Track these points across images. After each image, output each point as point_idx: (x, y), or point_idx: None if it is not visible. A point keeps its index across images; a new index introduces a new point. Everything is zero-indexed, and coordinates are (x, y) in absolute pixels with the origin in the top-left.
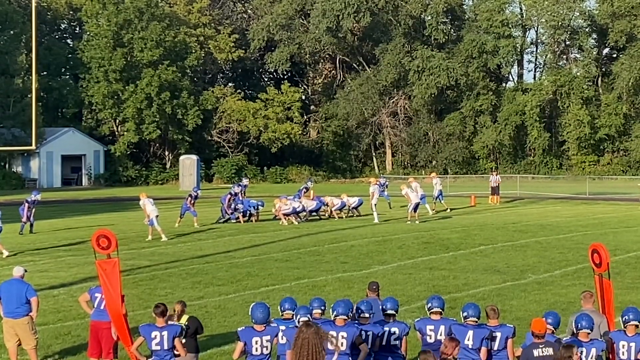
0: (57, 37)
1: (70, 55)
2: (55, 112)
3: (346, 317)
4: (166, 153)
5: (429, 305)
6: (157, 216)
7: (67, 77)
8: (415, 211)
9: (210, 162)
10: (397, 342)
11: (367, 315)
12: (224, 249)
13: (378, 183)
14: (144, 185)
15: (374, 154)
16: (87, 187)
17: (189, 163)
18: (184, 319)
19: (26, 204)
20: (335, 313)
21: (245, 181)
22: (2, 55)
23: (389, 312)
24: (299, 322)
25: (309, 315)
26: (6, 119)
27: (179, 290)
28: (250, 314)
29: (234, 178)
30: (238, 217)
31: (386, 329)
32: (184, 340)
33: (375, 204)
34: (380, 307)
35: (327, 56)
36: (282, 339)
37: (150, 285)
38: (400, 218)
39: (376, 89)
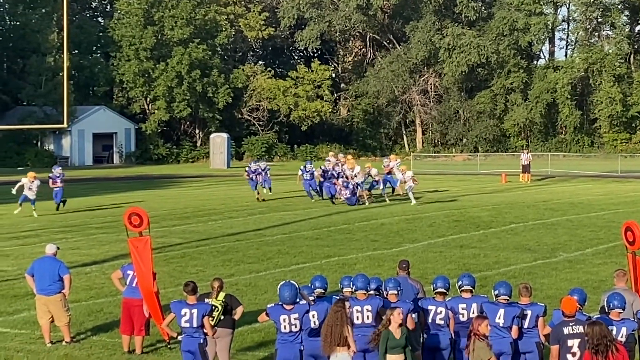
0: (88, 15)
1: (101, 34)
2: (87, 91)
3: (366, 291)
4: (197, 131)
5: (460, 283)
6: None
7: (98, 55)
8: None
9: (240, 140)
10: (442, 321)
11: (394, 292)
12: (254, 227)
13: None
14: (174, 163)
15: (404, 132)
16: (118, 165)
17: (219, 141)
18: (221, 296)
19: (50, 180)
20: (354, 288)
21: (262, 164)
22: (33, 34)
23: (440, 290)
24: (307, 301)
25: (314, 294)
26: (38, 97)
27: (209, 267)
28: (278, 293)
29: (264, 156)
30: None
31: (432, 307)
32: (222, 317)
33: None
34: (432, 285)
35: (357, 34)
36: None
37: (181, 263)
38: (429, 195)
39: (406, 67)
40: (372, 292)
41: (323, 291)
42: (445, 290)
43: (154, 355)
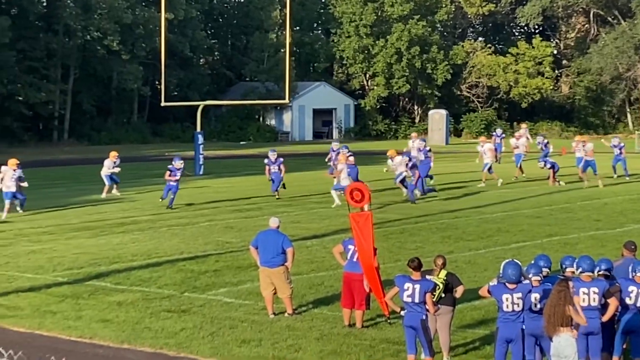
0: None
1: (322, 11)
2: (307, 67)
3: (592, 273)
4: (415, 107)
5: None
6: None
7: (319, 32)
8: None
9: (459, 117)
10: None
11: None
12: (473, 204)
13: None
14: (393, 139)
15: (628, 109)
16: (338, 140)
17: (438, 117)
18: (442, 274)
19: (168, 172)
20: (580, 270)
21: (334, 145)
22: (257, 11)
23: None
24: (530, 280)
25: (540, 275)
26: (260, 73)
27: (428, 244)
28: (501, 271)
29: (483, 133)
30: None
31: (633, 288)
32: (443, 295)
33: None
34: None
35: (580, 10)
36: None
37: (400, 239)
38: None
39: (632, 43)
40: (602, 272)
41: (548, 270)
42: None
43: (374, 329)
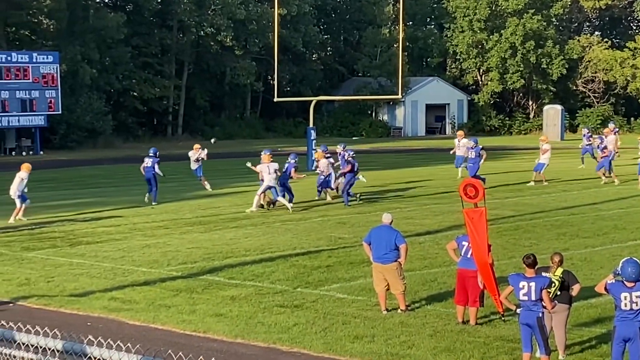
0: None
1: (435, 5)
2: (420, 62)
3: None
4: (530, 103)
5: None
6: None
7: (432, 26)
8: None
9: (574, 112)
10: None
11: None
12: (589, 201)
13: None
14: (507, 135)
15: None
16: (451, 136)
17: (553, 113)
18: (559, 272)
19: (289, 167)
20: None
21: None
22: (369, 6)
23: None
24: None
25: None
26: (373, 68)
27: (543, 241)
28: (620, 269)
29: (598, 129)
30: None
31: None
32: (558, 293)
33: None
34: None
35: None
36: None
37: (514, 235)
38: None
39: None
40: None
41: None
42: None
43: (488, 327)
